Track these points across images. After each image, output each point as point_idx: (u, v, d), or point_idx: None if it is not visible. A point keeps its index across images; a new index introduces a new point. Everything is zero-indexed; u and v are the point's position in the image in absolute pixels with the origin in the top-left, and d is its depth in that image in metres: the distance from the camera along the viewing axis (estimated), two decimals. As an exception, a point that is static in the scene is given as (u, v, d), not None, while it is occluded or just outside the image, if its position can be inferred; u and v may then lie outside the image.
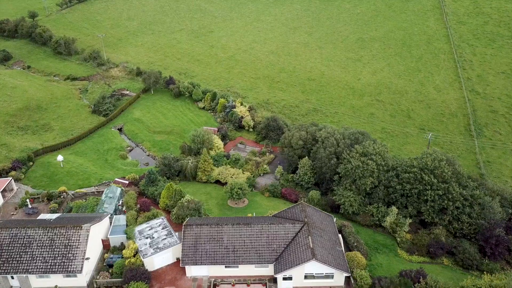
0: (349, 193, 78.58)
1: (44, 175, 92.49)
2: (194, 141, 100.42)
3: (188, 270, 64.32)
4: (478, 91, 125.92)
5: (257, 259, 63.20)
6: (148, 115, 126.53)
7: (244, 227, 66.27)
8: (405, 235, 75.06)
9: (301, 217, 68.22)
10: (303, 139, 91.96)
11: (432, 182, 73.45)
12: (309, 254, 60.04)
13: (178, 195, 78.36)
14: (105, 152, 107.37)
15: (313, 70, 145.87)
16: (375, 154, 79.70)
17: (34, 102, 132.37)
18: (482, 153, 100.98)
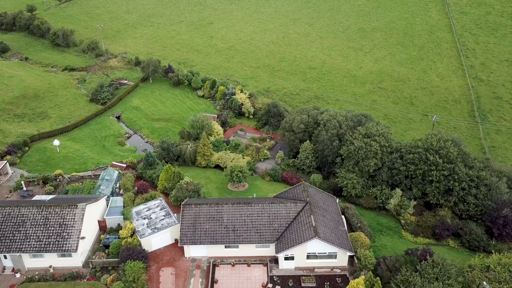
0: (352, 175, 76.64)
1: (40, 160, 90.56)
2: (193, 126, 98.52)
3: (186, 251, 62.39)
4: (481, 78, 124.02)
5: (258, 239, 61.27)
6: (147, 103, 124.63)
7: (244, 206, 64.35)
8: (410, 217, 73.16)
9: (303, 196, 66.33)
10: (305, 123, 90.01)
11: (437, 162, 71.50)
12: (312, 233, 58.13)
13: (177, 177, 76.42)
14: (103, 139, 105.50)
15: (314, 59, 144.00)
16: (379, 136, 77.82)
17: (31, 90, 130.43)
18: (487, 138, 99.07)
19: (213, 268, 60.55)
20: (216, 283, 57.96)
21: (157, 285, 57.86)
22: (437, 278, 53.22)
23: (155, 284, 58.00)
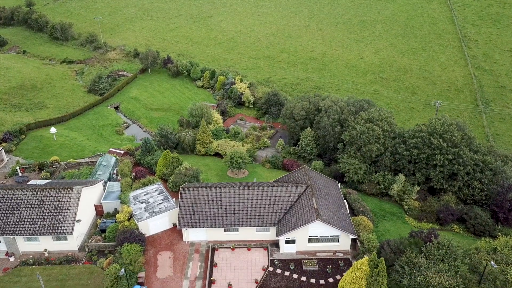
0: (354, 161, 75.10)
1: (36, 148, 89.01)
2: (192, 114, 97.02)
3: (185, 235, 60.85)
4: (484, 68, 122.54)
5: (258, 222, 59.73)
6: (145, 94, 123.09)
7: (244, 189, 62.80)
8: (413, 202, 71.65)
9: (304, 180, 64.83)
10: (306, 110, 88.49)
11: (442, 146, 69.95)
12: (313, 215, 56.59)
13: (175, 162, 74.88)
14: (100, 128, 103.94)
15: (315, 50, 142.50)
16: (381, 120, 76.28)
17: (29, 81, 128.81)
18: (491, 127, 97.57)
19: (212, 252, 59.01)
20: (216, 267, 56.42)
21: (154, 268, 56.33)
22: (443, 260, 51.73)
23: (153, 267, 56.47)
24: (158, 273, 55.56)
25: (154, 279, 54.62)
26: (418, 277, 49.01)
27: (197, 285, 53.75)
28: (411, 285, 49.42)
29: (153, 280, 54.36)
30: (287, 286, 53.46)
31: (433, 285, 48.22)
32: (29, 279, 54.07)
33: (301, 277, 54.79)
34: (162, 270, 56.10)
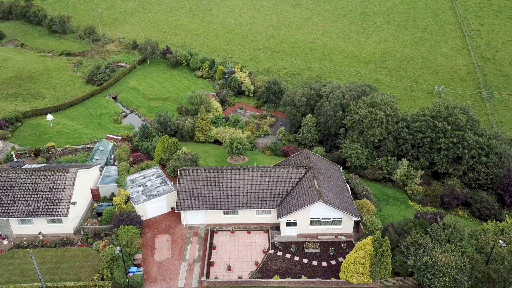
0: (356, 145, 73.51)
1: (33, 135, 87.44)
2: (191, 102, 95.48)
3: (183, 218, 59.28)
4: (487, 57, 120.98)
5: (258, 204, 58.17)
6: (144, 84, 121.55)
7: (244, 171, 61.28)
8: (417, 187, 70.01)
9: (305, 163, 63.29)
10: (307, 96, 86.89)
11: (446, 129, 68.38)
12: (315, 196, 55.02)
13: (174, 147, 73.30)
14: (98, 117, 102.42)
15: (316, 41, 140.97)
16: (384, 105, 74.75)
17: (26, 72, 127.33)
18: (495, 114, 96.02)
19: (211, 234, 57.42)
20: (215, 249, 54.85)
21: (152, 251, 54.77)
22: (449, 240, 50.16)
23: (150, 250, 54.91)
24: (156, 256, 54.00)
25: (151, 261, 53.07)
26: (424, 257, 47.51)
27: (196, 267, 52.20)
28: (417, 265, 47.93)
29: (150, 262, 52.80)
30: (288, 268, 51.89)
31: (439, 265, 46.72)
32: (22, 262, 52.55)
33: (302, 260, 53.22)
34: (160, 252, 54.54)
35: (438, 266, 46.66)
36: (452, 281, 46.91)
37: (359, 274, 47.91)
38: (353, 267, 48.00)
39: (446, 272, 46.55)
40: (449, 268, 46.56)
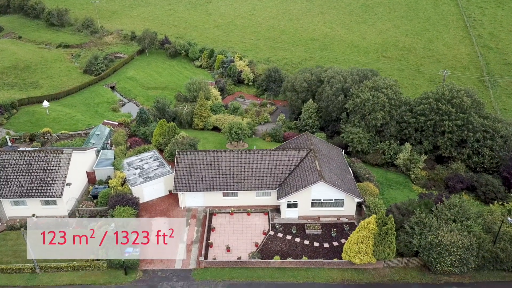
0: (358, 130, 71.94)
1: (28, 121, 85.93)
2: (189, 89, 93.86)
3: (181, 200, 57.72)
4: (490, 46, 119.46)
5: (258, 186, 56.63)
6: (142, 74, 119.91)
7: (243, 153, 59.81)
8: (420, 172, 68.41)
9: (306, 145, 61.77)
10: (308, 81, 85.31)
11: (450, 111, 66.84)
12: (317, 176, 53.48)
13: (172, 131, 71.71)
14: (95, 105, 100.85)
15: (316, 32, 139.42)
16: (386, 88, 73.21)
17: (23, 62, 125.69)
18: (498, 102, 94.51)
19: (210, 216, 55.87)
20: (213, 231, 53.31)
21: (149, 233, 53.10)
22: (455, 220, 48.61)
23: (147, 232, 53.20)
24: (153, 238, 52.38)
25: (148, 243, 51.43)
26: (429, 237, 45.97)
27: (194, 248, 50.63)
28: (422, 245, 46.39)
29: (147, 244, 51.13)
30: (289, 249, 50.36)
31: (445, 244, 45.21)
32: (15, 243, 51.02)
33: (303, 241, 51.68)
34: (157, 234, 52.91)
35: (444, 245, 45.17)
36: (458, 261, 45.50)
37: (362, 253, 46.38)
38: (356, 247, 46.46)
39: (453, 251, 45.08)
40: (455, 247, 45.08)
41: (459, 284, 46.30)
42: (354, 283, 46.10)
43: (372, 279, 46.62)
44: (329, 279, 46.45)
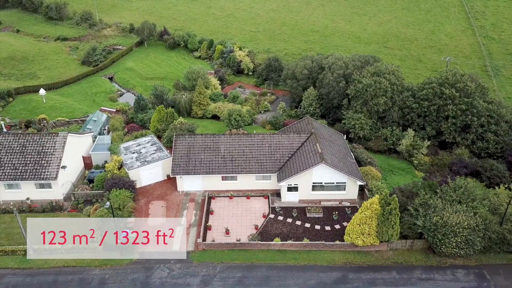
0: (360, 116, 70.60)
1: (25, 109, 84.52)
2: (188, 78, 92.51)
3: (179, 184, 56.39)
4: (493, 37, 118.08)
5: (258, 169, 55.29)
6: (141, 65, 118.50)
7: (243, 137, 58.49)
8: (423, 157, 67.05)
9: (307, 129, 60.46)
10: (308, 68, 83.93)
11: (454, 95, 65.47)
12: (318, 158, 52.17)
13: (170, 117, 70.40)
14: (93, 95, 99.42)
15: (317, 23, 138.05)
16: (388, 73, 71.89)
17: (20, 54, 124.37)
18: (502, 91, 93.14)
19: (209, 200, 54.57)
20: (212, 214, 52.00)
21: (145, 216, 51.85)
22: (460, 201, 47.33)
23: (144, 215, 52.03)
24: (149, 221, 51.09)
25: (145, 225, 50.14)
26: (434, 218, 44.65)
27: (192, 231, 49.30)
28: (426, 226, 45.05)
29: (144, 227, 49.84)
30: (289, 232, 49.03)
31: (451, 225, 43.87)
32: (8, 226, 49.70)
33: (304, 224, 50.38)
34: (154, 218, 51.58)
35: (449, 226, 43.83)
36: (464, 242, 44.16)
37: (365, 235, 45.03)
38: (359, 228, 45.12)
39: (458, 232, 43.74)
40: (461, 228, 43.74)
41: (465, 267, 45.00)
42: (356, 265, 44.79)
43: (375, 262, 45.32)
44: (331, 261, 45.15)
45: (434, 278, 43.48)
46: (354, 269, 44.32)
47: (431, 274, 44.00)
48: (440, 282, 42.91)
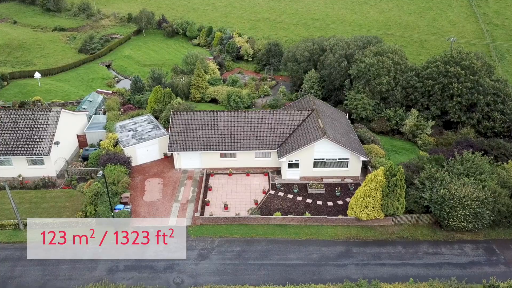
0: (362, 96, 68.77)
1: (19, 93, 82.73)
2: (186, 62, 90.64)
3: (177, 162, 54.61)
4: (496, 23, 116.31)
5: (257, 145, 53.50)
6: (139, 53, 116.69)
7: (242, 113, 56.74)
8: (427, 138, 65.18)
9: (308, 106, 58.64)
10: (309, 50, 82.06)
11: (459, 73, 63.65)
12: (320, 133, 50.39)
13: (167, 97, 68.62)
14: (90, 80, 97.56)
15: (317, 12, 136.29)
16: (391, 53, 70.09)
17: (16, 42, 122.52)
18: (507, 75, 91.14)
19: (207, 177, 52.76)
20: (210, 190, 50.21)
21: (141, 193, 50.13)
22: (468, 175, 45.49)
23: (139, 192, 50.27)
24: (145, 197, 49.37)
25: (140, 201, 48.44)
26: (441, 190, 42.83)
27: (189, 207, 47.52)
28: (433, 199, 43.23)
29: (139, 203, 48.16)
30: (290, 207, 47.24)
31: (458, 197, 42.04)
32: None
33: (306, 200, 48.59)
34: (150, 194, 49.93)
35: (457, 199, 42.01)
36: (472, 215, 42.34)
37: (369, 208, 43.24)
38: (363, 201, 43.32)
39: (466, 205, 41.90)
40: (469, 201, 41.91)
41: (473, 241, 43.22)
42: (360, 240, 43.01)
43: (380, 236, 43.54)
44: (334, 236, 43.37)
45: (442, 252, 41.71)
46: (358, 244, 42.54)
47: (438, 248, 42.24)
48: (447, 256, 41.14)
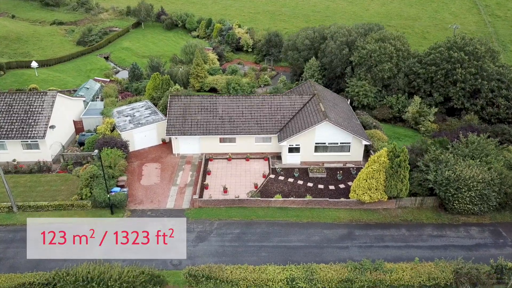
0: (364, 82, 67.64)
1: (16, 81, 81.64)
2: (185, 52, 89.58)
3: (175, 147, 53.46)
4: (498, 15, 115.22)
5: (257, 130, 52.36)
6: (138, 45, 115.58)
7: (242, 98, 55.56)
8: (430, 125, 64.04)
9: (310, 91, 57.51)
10: (310, 39, 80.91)
11: (463, 58, 62.53)
12: (321, 116, 49.27)
13: (165, 84, 67.48)
14: (88, 71, 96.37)
15: (317, 5, 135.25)
16: (394, 39, 68.97)
17: (14, 34, 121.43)
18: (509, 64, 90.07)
19: (206, 162, 51.64)
20: (209, 174, 49.08)
21: (138, 177, 48.99)
22: (473, 157, 44.36)
23: (137, 176, 49.13)
24: (143, 181, 48.24)
25: (138, 185, 47.31)
26: (446, 172, 41.66)
27: (187, 191, 46.38)
28: (438, 180, 42.07)
29: (136, 186, 47.03)
30: (291, 190, 46.11)
31: (464, 178, 40.88)
32: (-8, 186, 46.65)
33: (307, 183, 47.44)
34: (147, 178, 48.78)
35: (462, 180, 40.86)
36: (478, 197, 41.19)
37: (372, 190, 42.09)
38: (366, 183, 42.19)
39: (472, 186, 40.75)
40: (475, 182, 40.76)
41: (479, 224, 42.07)
42: (363, 223, 41.87)
43: (383, 219, 42.38)
44: (336, 219, 42.21)
45: (447, 235, 40.56)
46: (360, 226, 41.40)
47: (443, 231, 41.09)
48: (453, 239, 40.00)
